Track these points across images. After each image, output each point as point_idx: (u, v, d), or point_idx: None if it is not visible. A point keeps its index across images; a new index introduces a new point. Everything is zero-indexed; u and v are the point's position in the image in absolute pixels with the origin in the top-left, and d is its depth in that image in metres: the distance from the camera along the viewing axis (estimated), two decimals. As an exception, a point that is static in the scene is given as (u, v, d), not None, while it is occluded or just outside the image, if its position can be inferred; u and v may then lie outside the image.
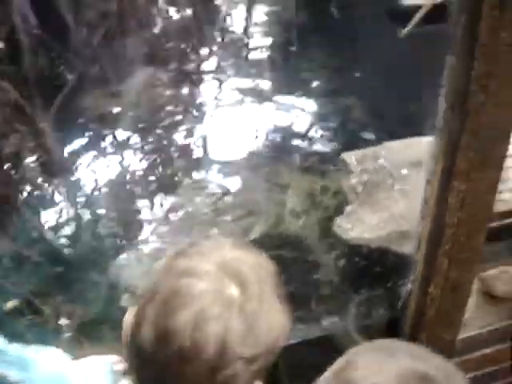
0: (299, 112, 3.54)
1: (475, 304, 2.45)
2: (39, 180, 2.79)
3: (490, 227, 2.13)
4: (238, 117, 3.45)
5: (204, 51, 3.60)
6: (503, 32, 1.55)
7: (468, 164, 1.76)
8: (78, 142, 3.14)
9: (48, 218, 2.78)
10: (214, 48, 3.56)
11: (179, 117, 3.36)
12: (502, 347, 2.63)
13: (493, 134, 1.72)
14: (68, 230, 2.75)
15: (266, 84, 3.44)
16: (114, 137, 3.13)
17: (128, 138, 3.13)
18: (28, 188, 2.77)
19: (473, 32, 1.57)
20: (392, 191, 2.58)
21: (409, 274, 2.26)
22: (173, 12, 3.68)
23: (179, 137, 3.25)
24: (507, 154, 2.09)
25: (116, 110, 3.13)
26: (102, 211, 2.79)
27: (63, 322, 2.37)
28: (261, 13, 4.08)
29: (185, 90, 3.48)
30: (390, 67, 3.74)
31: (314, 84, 3.83)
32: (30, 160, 2.76)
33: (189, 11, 3.70)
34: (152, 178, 2.99)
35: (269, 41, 4.04)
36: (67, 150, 2.86)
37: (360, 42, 3.93)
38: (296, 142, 3.26)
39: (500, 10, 1.52)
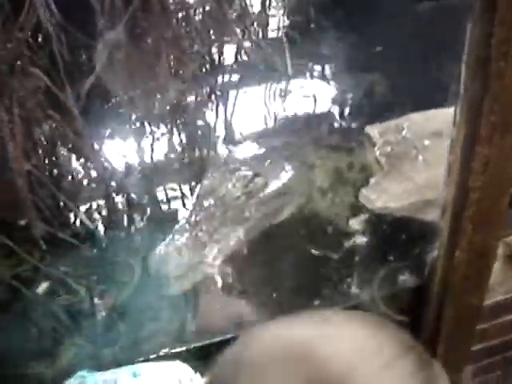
0: (321, 89, 3.57)
1: (501, 269, 2.49)
2: (72, 164, 2.85)
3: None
4: (260, 97, 3.48)
5: (222, 32, 3.64)
6: (522, -2, 1.59)
7: (491, 129, 1.81)
8: (108, 127, 3.19)
9: (81, 201, 2.84)
10: (233, 27, 3.59)
11: (203, 99, 3.40)
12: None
13: (514, 99, 1.76)
14: (101, 214, 2.81)
15: (285, 63, 3.48)
16: (142, 122, 3.19)
17: (156, 123, 3.17)
18: (61, 172, 2.83)
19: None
20: (415, 161, 2.62)
21: (434, 241, 2.31)
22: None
23: (204, 120, 3.29)
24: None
25: (143, 94, 3.17)
26: (134, 196, 2.84)
27: (97, 302, 2.44)
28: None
29: (206, 73, 3.52)
30: (411, 40, 3.76)
31: (334, 60, 3.86)
32: (63, 145, 2.82)
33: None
34: (182, 162, 3.02)
35: (287, 19, 4.07)
36: (98, 134, 2.91)
37: (380, 14, 3.95)
38: (320, 119, 3.29)
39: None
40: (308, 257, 2.50)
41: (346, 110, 3.36)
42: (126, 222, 2.83)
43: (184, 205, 2.83)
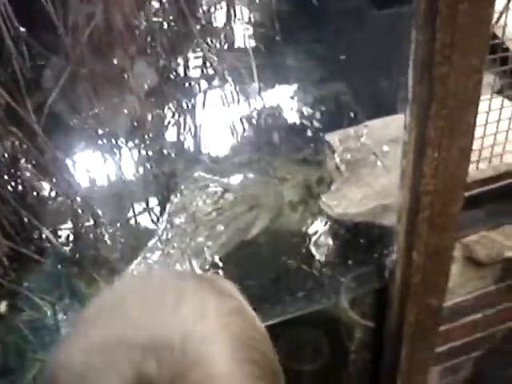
0: (288, 101, 3.59)
1: (460, 271, 2.54)
2: (35, 181, 2.84)
3: (470, 195, 2.23)
4: (227, 111, 3.50)
5: (188, 45, 3.67)
6: (462, 4, 1.64)
7: (439, 132, 1.86)
8: (73, 143, 3.20)
9: (47, 219, 2.83)
10: (199, 41, 3.62)
11: (170, 114, 3.42)
12: (489, 312, 2.73)
13: (459, 103, 1.81)
14: (67, 231, 2.81)
15: (252, 75, 3.51)
16: (108, 136, 3.20)
17: (122, 138, 3.19)
18: (25, 189, 2.83)
19: (433, 6, 1.66)
20: (374, 168, 2.66)
21: (393, 245, 2.35)
22: (157, 7, 3.74)
23: (172, 135, 3.30)
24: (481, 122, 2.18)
25: (108, 109, 3.19)
26: (100, 212, 2.84)
27: (62, 317, 2.43)
28: (242, 2, 4.16)
29: (174, 86, 3.54)
30: (373, 49, 3.81)
31: (300, 72, 3.90)
32: (25, 162, 2.82)
33: (172, 6, 3.76)
34: (150, 178, 3.02)
35: (252, 31, 4.11)
36: (62, 150, 2.91)
37: (341, 25, 4.01)
38: (287, 131, 3.31)
39: (457, -17, 1.61)
40: (275, 268, 2.54)
41: (313, 121, 3.40)
42: (92, 239, 2.83)
43: (154, 222, 2.83)
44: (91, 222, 2.79)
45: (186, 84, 3.59)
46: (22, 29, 3.13)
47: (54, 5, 2.97)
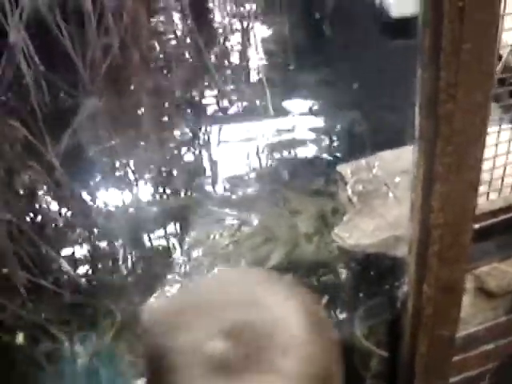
0: (301, 131, 3.63)
1: (472, 302, 2.54)
2: (53, 213, 2.90)
3: (479, 227, 2.24)
4: (242, 143, 3.54)
5: (204, 77, 3.73)
6: (465, 43, 1.67)
7: (446, 168, 1.88)
8: (89, 175, 3.26)
9: (64, 250, 2.88)
10: (214, 73, 3.68)
11: (185, 148, 3.47)
12: (501, 343, 2.72)
13: (465, 139, 1.83)
14: (85, 264, 2.85)
15: (267, 107, 3.54)
16: (125, 170, 3.26)
17: (138, 172, 3.24)
18: (42, 220, 2.88)
19: (437, 44, 1.69)
20: (386, 199, 2.69)
21: (404, 276, 2.36)
22: (172, 38, 3.81)
23: (187, 167, 3.35)
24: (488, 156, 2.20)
25: (124, 142, 3.25)
26: (117, 244, 2.88)
27: (78, 349, 2.46)
28: (256, 33, 4.22)
29: (188, 118, 3.60)
30: (385, 79, 3.85)
31: (315, 101, 3.94)
32: (43, 194, 2.88)
33: (187, 38, 3.83)
34: (167, 211, 3.06)
35: (266, 61, 4.17)
36: (79, 183, 2.96)
37: (354, 56, 4.06)
38: (302, 163, 3.34)
39: (460, 23, 1.64)
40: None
41: (327, 152, 3.43)
42: (110, 271, 2.87)
43: (171, 255, 2.86)
44: (108, 254, 2.83)
45: (201, 117, 3.64)
46: (41, 67, 3.23)
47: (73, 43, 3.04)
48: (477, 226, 2.15)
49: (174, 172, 3.24)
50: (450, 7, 1.61)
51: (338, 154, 3.33)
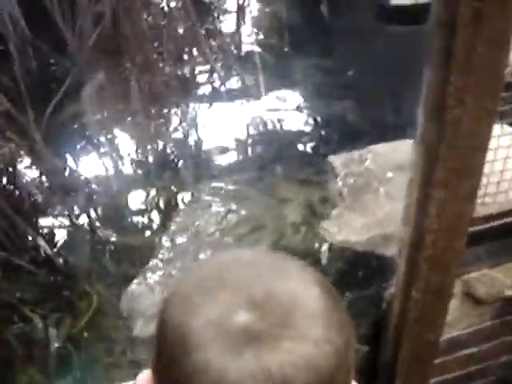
0: (293, 117, 3.55)
1: (458, 306, 2.50)
2: (33, 189, 2.80)
3: (471, 231, 2.18)
4: (232, 126, 3.45)
5: (196, 54, 3.62)
6: (478, 47, 1.60)
7: (446, 174, 1.81)
8: (73, 150, 3.15)
9: (43, 227, 2.79)
10: (207, 50, 3.57)
11: (173, 127, 3.38)
12: (486, 347, 2.69)
13: (469, 146, 1.77)
14: (63, 242, 2.76)
15: (259, 89, 3.45)
16: (110, 146, 3.15)
17: (124, 149, 3.13)
18: (22, 196, 2.78)
19: (449, 47, 1.62)
20: (377, 194, 2.62)
21: (393, 277, 2.31)
22: (164, 13, 3.70)
23: (175, 150, 3.25)
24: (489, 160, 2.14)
25: (110, 116, 3.14)
26: (98, 224, 2.79)
27: (52, 331, 2.38)
28: (252, 13, 4.12)
29: (178, 96, 3.49)
30: (380, 67, 3.78)
31: (308, 86, 3.85)
32: (24, 169, 2.77)
33: (181, 12, 3.71)
34: (153, 195, 2.97)
35: (261, 42, 4.06)
36: (62, 158, 2.86)
37: (351, 41, 3.98)
38: (291, 150, 3.27)
39: (474, 26, 1.56)
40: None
41: (318, 141, 3.35)
42: (89, 252, 2.79)
43: (154, 240, 2.78)
44: (89, 235, 2.74)
45: (191, 97, 3.54)
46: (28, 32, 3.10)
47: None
48: (470, 229, 2.10)
49: (160, 152, 3.14)
50: (467, 9, 1.53)
51: (329, 143, 3.25)
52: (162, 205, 2.90)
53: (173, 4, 3.63)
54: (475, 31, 1.56)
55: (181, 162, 3.13)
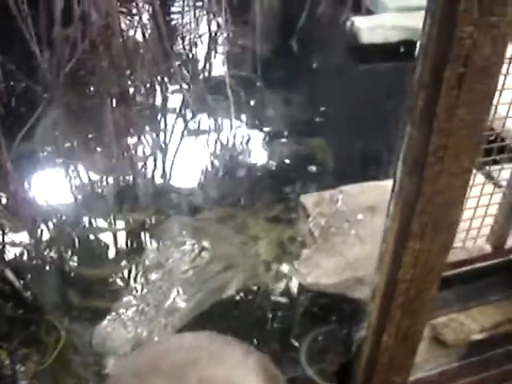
0: (263, 152, 3.57)
1: (426, 349, 2.54)
2: (1, 218, 2.76)
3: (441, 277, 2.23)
4: (202, 160, 3.45)
5: (167, 86, 3.63)
6: (459, 109, 1.65)
7: (422, 227, 1.85)
8: (42, 178, 3.12)
9: (10, 258, 2.74)
10: (178, 84, 3.58)
11: (143, 161, 3.37)
12: (452, 388, 2.73)
13: (446, 201, 1.81)
14: (31, 274, 2.72)
15: (230, 121, 3.46)
16: (81, 175, 3.12)
17: (95, 178, 3.11)
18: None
19: (431, 108, 1.66)
20: (348, 236, 2.66)
21: (363, 320, 2.35)
22: (138, 44, 3.70)
23: (145, 185, 3.23)
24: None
25: (80, 145, 3.13)
26: (68, 257, 2.76)
27: (19, 368, 2.34)
28: (223, 46, 4.14)
29: (147, 130, 3.49)
30: (351, 104, 3.83)
31: (279, 121, 3.87)
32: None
33: (154, 41, 3.71)
34: (125, 229, 2.94)
35: (233, 74, 4.08)
36: (30, 186, 2.83)
37: (322, 78, 4.03)
38: (262, 186, 3.28)
39: (458, 89, 1.61)
40: (245, 332, 2.52)
41: (287, 178, 3.37)
42: (59, 285, 2.75)
43: (127, 276, 2.76)
44: (58, 267, 2.71)
45: (161, 130, 3.54)
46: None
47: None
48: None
49: (131, 185, 3.13)
50: (451, 74, 1.57)
51: (298, 180, 3.28)
52: (133, 239, 2.89)
53: (147, 33, 3.64)
54: (458, 94, 1.61)
55: (151, 197, 3.13)
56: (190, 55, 3.96)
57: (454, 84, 1.59)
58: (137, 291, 2.49)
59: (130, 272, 2.74)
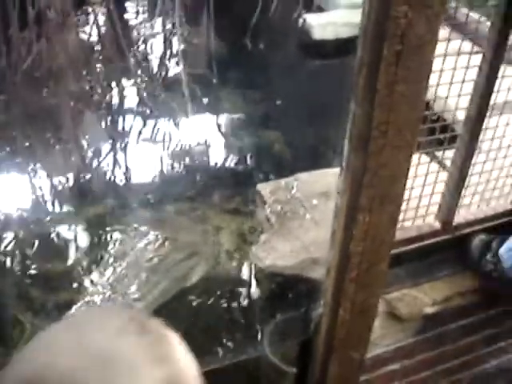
0: (221, 146, 3.64)
1: (382, 324, 2.64)
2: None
3: (392, 254, 2.33)
4: (159, 156, 3.51)
5: (122, 83, 3.68)
6: (398, 85, 1.75)
7: (370, 200, 1.95)
8: (2, 177, 3.14)
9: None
10: (133, 80, 3.64)
11: (103, 156, 3.40)
12: (407, 363, 2.84)
13: (391, 174, 1.91)
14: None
15: (187, 117, 3.53)
16: (41, 173, 3.15)
17: (57, 175, 3.14)
18: None
19: (372, 84, 1.76)
20: (303, 220, 2.75)
21: (320, 299, 2.43)
22: (92, 41, 3.74)
23: (105, 180, 3.28)
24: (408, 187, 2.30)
25: (38, 144, 3.16)
26: (31, 252, 2.78)
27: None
28: (179, 44, 4.21)
29: (106, 124, 3.54)
30: (304, 99, 3.93)
31: (235, 116, 3.95)
32: None
33: (108, 39, 3.77)
34: (89, 223, 2.98)
35: (188, 72, 4.15)
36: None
37: (275, 74, 4.13)
38: (221, 179, 3.35)
39: (395, 66, 1.71)
40: (207, 317, 2.58)
41: (245, 170, 3.45)
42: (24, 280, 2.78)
43: (94, 268, 2.80)
44: (21, 262, 2.75)
45: (119, 126, 3.59)
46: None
47: None
48: (393, 251, 2.24)
49: (92, 181, 3.18)
50: (388, 51, 1.67)
51: (256, 172, 3.37)
52: (98, 232, 2.94)
53: (103, 31, 3.69)
54: (396, 71, 1.71)
55: (112, 193, 3.18)
56: (146, 54, 4.01)
57: (391, 61, 1.69)
58: (103, 280, 2.54)
59: (95, 263, 2.78)
